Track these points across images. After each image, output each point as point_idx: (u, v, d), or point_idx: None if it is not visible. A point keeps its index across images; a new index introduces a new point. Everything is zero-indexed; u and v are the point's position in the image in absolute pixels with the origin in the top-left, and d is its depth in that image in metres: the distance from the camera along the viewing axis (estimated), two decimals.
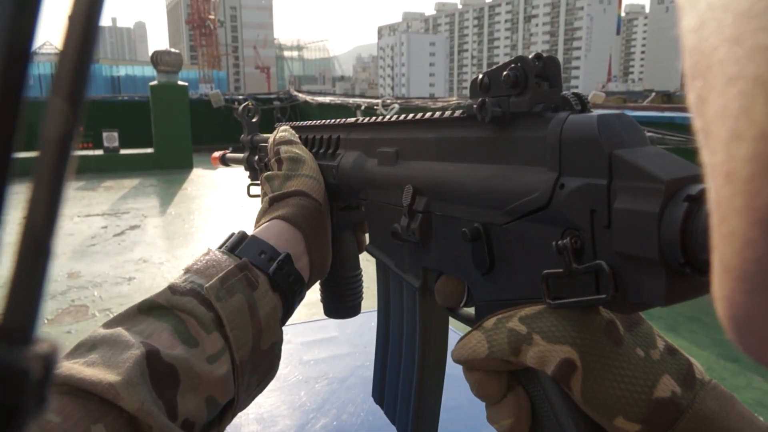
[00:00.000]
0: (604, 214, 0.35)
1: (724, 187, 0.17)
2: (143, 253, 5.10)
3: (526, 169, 0.41)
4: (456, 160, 0.48)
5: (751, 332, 0.18)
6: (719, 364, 3.03)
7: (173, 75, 10.51)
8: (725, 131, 0.17)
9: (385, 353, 0.64)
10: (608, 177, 0.34)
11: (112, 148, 10.14)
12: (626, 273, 0.34)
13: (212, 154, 1.11)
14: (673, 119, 4.97)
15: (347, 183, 0.65)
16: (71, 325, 3.59)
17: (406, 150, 0.55)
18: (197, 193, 8.29)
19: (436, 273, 0.54)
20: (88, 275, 4.50)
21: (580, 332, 0.39)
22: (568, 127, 0.38)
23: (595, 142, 0.35)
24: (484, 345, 0.43)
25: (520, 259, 0.43)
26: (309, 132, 0.76)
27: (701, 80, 0.19)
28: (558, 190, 0.37)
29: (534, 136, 0.40)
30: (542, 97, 0.40)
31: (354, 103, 10.87)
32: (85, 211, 6.90)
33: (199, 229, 6.05)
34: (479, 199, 0.45)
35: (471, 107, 0.44)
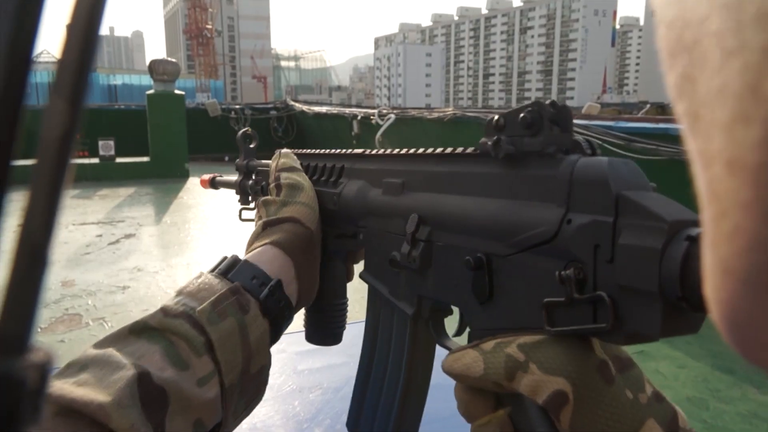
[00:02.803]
0: (608, 249, 0.37)
1: (726, 178, 0.15)
2: (138, 262, 5.08)
3: (533, 204, 0.43)
4: (463, 193, 0.50)
5: (755, 338, 0.17)
6: (714, 375, 3.03)
7: (170, 84, 10.52)
8: (726, 113, 0.15)
9: (366, 379, 0.65)
10: (614, 215, 0.37)
11: (108, 156, 10.13)
12: (624, 305, 0.37)
13: (201, 176, 1.10)
14: (667, 130, 4.99)
15: (347, 210, 0.66)
16: (64, 334, 3.57)
17: (413, 181, 0.57)
18: (193, 201, 8.28)
19: (431, 301, 0.56)
20: (82, 284, 4.49)
21: (575, 367, 0.40)
22: (579, 167, 0.40)
23: (604, 182, 0.38)
24: (480, 365, 0.44)
25: (520, 290, 0.45)
26: (312, 160, 0.77)
27: (686, 56, 0.17)
28: (565, 225, 0.40)
29: (544, 175, 0.43)
30: (554, 139, 0.43)
31: (350, 113, 10.89)
32: (80, 219, 6.88)
33: (195, 238, 6.04)
34: (484, 230, 0.47)
35: (485, 144, 0.46)
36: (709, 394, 2.87)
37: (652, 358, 3.15)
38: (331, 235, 0.73)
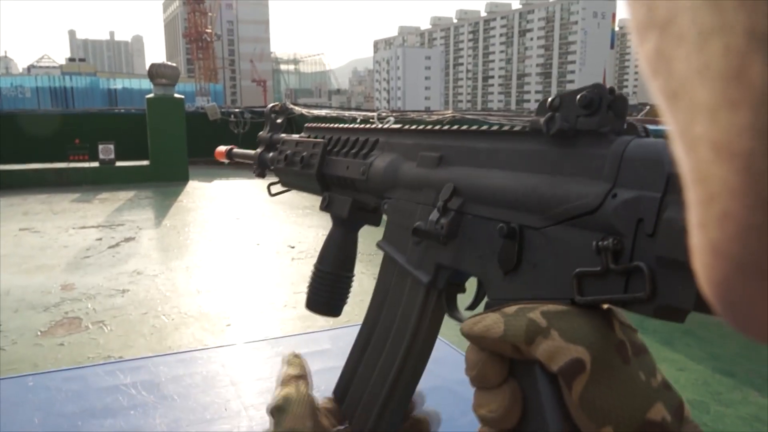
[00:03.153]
0: (651, 223, 0.38)
1: (715, 163, 0.15)
2: (138, 265, 5.08)
3: (577, 179, 0.44)
4: (504, 168, 0.51)
5: (749, 314, 0.17)
6: (714, 378, 3.02)
7: (170, 88, 10.53)
8: (708, 96, 0.14)
9: (365, 346, 0.65)
10: (663, 191, 0.38)
11: (108, 160, 10.14)
12: (661, 276, 0.38)
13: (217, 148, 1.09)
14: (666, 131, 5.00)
15: (376, 181, 0.67)
16: (64, 338, 3.57)
17: (451, 156, 0.58)
18: (192, 205, 8.28)
19: (449, 271, 0.57)
20: (81, 287, 4.48)
21: (595, 339, 0.41)
22: (632, 146, 0.41)
23: (657, 161, 0.39)
24: (501, 327, 0.44)
25: (548, 262, 0.46)
26: (344, 133, 0.77)
27: (658, 32, 0.16)
28: (609, 199, 0.41)
29: (593, 153, 0.44)
30: (609, 121, 0.44)
31: (350, 116, 10.90)
32: (80, 223, 6.88)
33: (194, 242, 6.04)
34: (521, 202, 0.48)
35: (536, 122, 0.47)
36: (710, 397, 2.86)
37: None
38: (354, 206, 0.73)
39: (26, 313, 3.96)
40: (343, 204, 0.75)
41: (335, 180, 0.75)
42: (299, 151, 0.81)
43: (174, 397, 1.28)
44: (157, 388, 1.32)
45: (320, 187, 0.78)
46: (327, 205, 0.77)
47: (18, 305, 4.11)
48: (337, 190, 0.76)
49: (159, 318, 3.90)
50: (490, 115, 8.34)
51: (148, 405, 1.26)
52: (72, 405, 1.27)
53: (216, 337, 3.61)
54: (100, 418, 1.22)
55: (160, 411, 1.23)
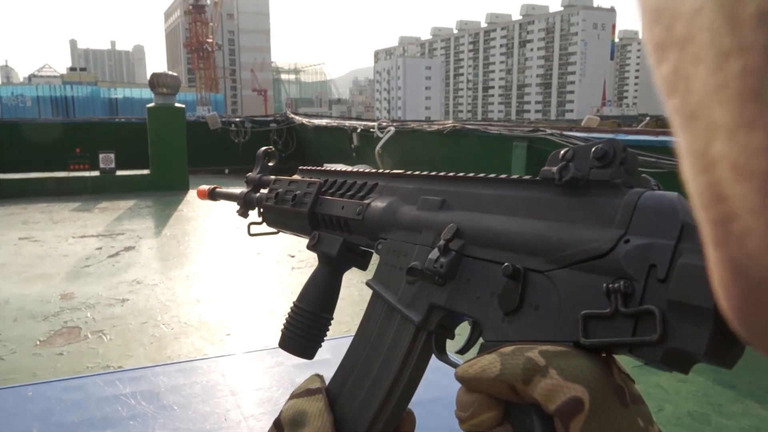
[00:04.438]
0: (664, 269, 0.39)
1: (734, 182, 0.15)
2: (137, 275, 5.07)
3: (586, 225, 0.45)
4: (510, 214, 0.52)
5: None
6: (715, 390, 3.01)
7: (171, 97, 10.56)
8: (727, 116, 0.14)
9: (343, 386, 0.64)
10: (677, 239, 0.39)
11: (109, 169, 10.15)
12: (672, 320, 0.38)
13: (198, 187, 1.09)
14: (667, 143, 5.01)
15: (372, 221, 0.67)
16: (63, 347, 3.56)
17: (455, 201, 0.59)
18: (193, 214, 8.28)
19: (442, 312, 0.56)
20: (81, 296, 4.47)
21: (595, 378, 0.40)
22: (646, 197, 0.43)
23: (673, 211, 0.40)
24: (497, 366, 0.44)
25: (551, 305, 0.46)
26: (342, 176, 0.77)
27: (677, 51, 0.16)
28: (621, 244, 0.42)
29: (605, 202, 0.45)
30: (621, 174, 0.45)
31: (350, 126, 10.92)
32: (80, 232, 6.88)
33: (194, 251, 6.03)
34: (525, 246, 0.49)
35: (548, 171, 0.48)
36: (711, 408, 2.85)
37: (653, 372, 3.11)
38: (344, 247, 0.73)
39: (25, 323, 3.95)
40: (333, 243, 0.74)
41: (327, 219, 0.75)
42: (292, 190, 0.82)
43: (174, 407, 1.28)
44: (157, 398, 1.31)
45: (310, 225, 0.77)
46: (315, 244, 0.77)
47: (17, 314, 4.10)
48: (327, 230, 0.76)
49: (158, 327, 3.89)
50: (490, 125, 8.35)
51: (148, 415, 1.25)
52: (71, 415, 1.27)
53: (216, 346, 3.60)
54: (99, 428, 1.22)
55: (159, 421, 1.23)
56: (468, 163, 7.91)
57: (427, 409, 0.65)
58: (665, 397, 2.92)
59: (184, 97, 23.99)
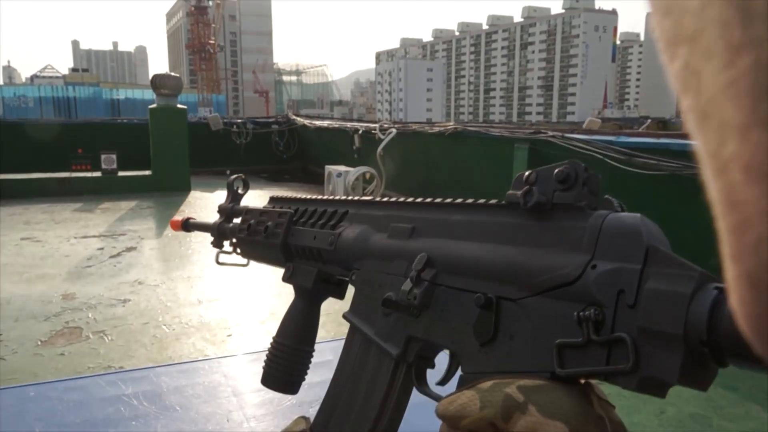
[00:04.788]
0: (632, 294, 0.38)
1: (745, 186, 0.14)
2: (139, 275, 5.07)
3: (555, 251, 0.44)
4: (480, 240, 0.51)
5: None
6: (717, 392, 3.01)
7: (173, 98, 10.56)
8: (738, 114, 0.13)
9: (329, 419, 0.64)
10: (643, 263, 0.39)
11: (111, 170, 10.15)
12: (643, 348, 0.38)
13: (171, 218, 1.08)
14: (668, 146, 5.00)
15: (345, 251, 0.66)
16: (64, 347, 3.56)
17: (425, 227, 0.58)
18: (194, 215, 8.22)
19: (420, 344, 0.55)
20: (82, 297, 4.48)
21: (574, 414, 0.40)
22: (610, 220, 0.42)
23: (636, 234, 0.40)
24: (476, 403, 0.43)
25: (526, 333, 0.45)
26: (311, 204, 0.76)
27: (687, 47, 0.15)
28: (589, 270, 0.41)
29: (570, 225, 0.44)
30: (585, 197, 0.45)
31: (352, 127, 10.92)
32: (81, 232, 6.89)
33: (196, 252, 6.04)
34: (498, 274, 0.48)
35: (513, 195, 0.48)
36: (713, 411, 2.84)
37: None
38: (318, 278, 0.72)
39: (27, 323, 3.95)
40: (308, 275, 0.73)
41: (300, 250, 0.73)
42: (263, 221, 0.80)
43: (176, 408, 1.28)
44: (159, 399, 1.32)
45: (283, 257, 0.76)
46: (290, 276, 0.76)
47: (19, 314, 4.10)
48: (301, 261, 0.74)
49: (160, 328, 3.89)
50: (491, 127, 8.35)
51: (150, 416, 1.25)
52: (73, 415, 1.27)
53: (217, 347, 3.60)
54: (101, 428, 1.22)
55: (161, 422, 1.23)
56: (469, 164, 7.91)
57: (418, 412, 0.65)
58: (667, 400, 2.91)
59: (186, 99, 23.98)
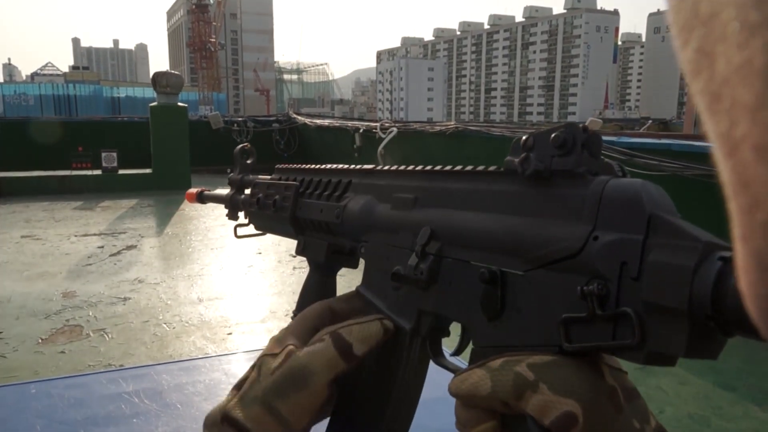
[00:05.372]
0: (635, 267, 0.37)
1: (756, 165, 0.14)
2: (139, 273, 5.08)
3: (557, 221, 0.43)
4: (481, 210, 0.50)
5: None
6: (716, 392, 3.01)
7: (173, 96, 10.56)
8: (750, 94, 0.14)
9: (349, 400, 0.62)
10: (645, 233, 0.37)
11: (111, 168, 10.16)
12: (649, 322, 0.37)
13: (188, 190, 1.08)
14: (670, 146, 5.00)
15: (351, 224, 0.65)
16: (65, 345, 3.56)
17: (426, 197, 0.57)
18: (194, 213, 8.29)
19: (431, 317, 0.55)
20: (83, 295, 4.48)
21: (586, 390, 0.40)
22: (610, 187, 0.41)
23: (638, 202, 0.38)
24: (488, 383, 0.43)
25: (532, 307, 0.44)
26: (316, 175, 0.75)
27: (702, 30, 0.15)
28: (591, 242, 0.40)
29: (571, 193, 0.43)
30: (585, 161, 0.43)
31: (353, 126, 10.93)
32: (82, 230, 6.89)
33: (196, 250, 6.04)
34: (501, 246, 0.47)
35: (511, 162, 0.46)
36: (711, 411, 2.85)
37: (654, 375, 3.13)
38: (330, 250, 0.71)
39: (27, 321, 3.96)
40: (319, 248, 0.72)
41: (309, 223, 0.73)
42: (271, 194, 0.79)
43: (177, 405, 1.28)
44: (160, 396, 1.32)
45: (294, 231, 0.75)
46: (303, 250, 0.75)
47: (19, 312, 4.10)
48: (312, 234, 0.73)
49: (160, 326, 3.90)
50: (492, 126, 8.36)
51: (151, 413, 1.26)
52: (74, 412, 1.27)
53: (217, 345, 3.60)
54: (102, 425, 1.22)
55: (162, 419, 1.23)
56: (470, 164, 7.90)
57: (429, 409, 0.65)
58: (666, 400, 2.92)
59: (186, 97, 24.02)
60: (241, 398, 0.54)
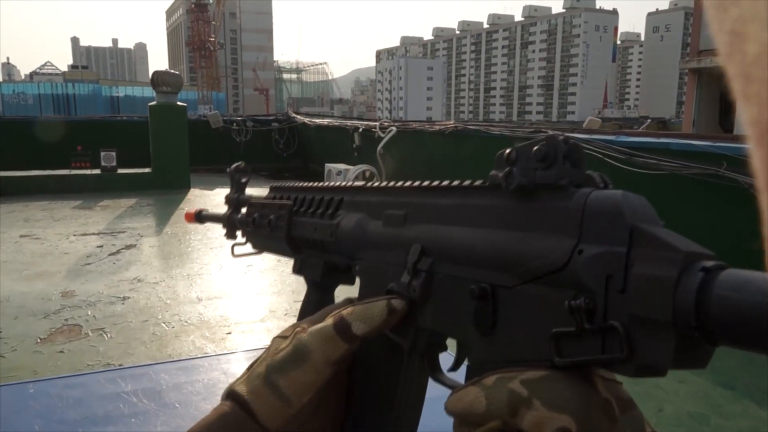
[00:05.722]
0: (620, 279, 0.37)
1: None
2: (138, 273, 5.08)
3: (542, 235, 0.43)
4: (469, 225, 0.50)
5: None
6: (715, 391, 3.02)
7: (172, 96, 10.56)
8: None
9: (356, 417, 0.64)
10: (628, 246, 0.37)
11: (110, 167, 10.15)
12: (636, 335, 0.37)
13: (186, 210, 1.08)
14: (668, 145, 5.00)
15: (345, 242, 0.65)
16: (64, 345, 3.56)
17: (416, 214, 0.57)
18: None
19: (427, 333, 0.55)
20: (82, 294, 4.48)
21: (580, 404, 0.40)
22: (592, 199, 0.41)
23: (618, 214, 0.38)
24: (482, 401, 0.43)
25: (524, 321, 0.44)
26: (308, 193, 0.75)
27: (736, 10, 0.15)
28: (576, 255, 0.40)
29: (555, 207, 0.43)
30: (567, 173, 0.43)
31: (352, 126, 10.93)
32: (81, 230, 6.89)
33: (195, 249, 6.04)
34: (490, 261, 0.47)
35: (495, 176, 0.47)
36: (710, 409, 2.85)
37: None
38: (326, 268, 0.72)
39: (26, 320, 3.96)
40: (316, 267, 0.73)
41: (305, 242, 0.73)
42: (266, 214, 0.80)
43: (175, 405, 1.28)
44: (159, 396, 1.32)
45: (291, 250, 0.76)
46: (300, 269, 0.76)
47: (18, 312, 4.10)
48: (308, 252, 0.74)
49: (159, 326, 3.90)
50: (491, 126, 8.36)
51: (150, 413, 1.26)
52: (73, 412, 1.27)
53: (216, 344, 3.60)
54: (101, 425, 1.22)
55: (161, 419, 1.23)
56: (469, 163, 7.91)
57: (430, 408, 0.65)
58: (665, 398, 2.92)
59: (185, 96, 24.01)
60: (248, 375, 0.56)
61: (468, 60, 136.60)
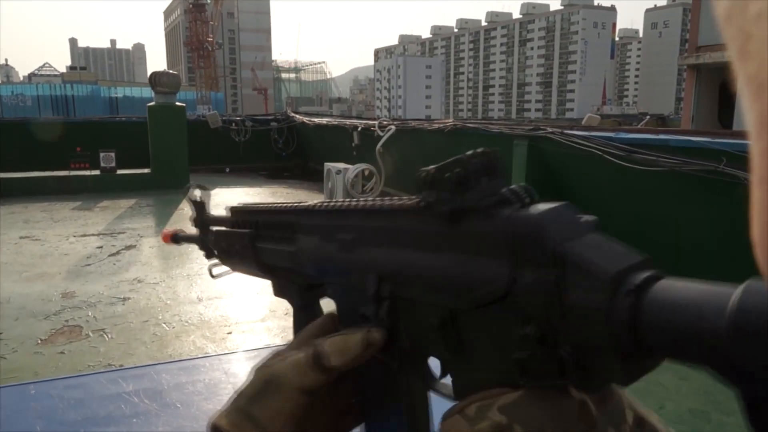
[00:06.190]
0: (557, 307, 0.36)
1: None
2: (138, 273, 5.08)
3: (483, 260, 0.42)
4: (417, 248, 0.49)
5: None
6: (716, 387, 3.01)
7: (171, 96, 10.55)
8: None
9: None
10: (555, 272, 0.36)
11: (109, 168, 10.15)
12: (586, 358, 0.37)
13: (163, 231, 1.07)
14: (667, 142, 5.00)
15: (308, 268, 0.64)
16: (64, 346, 3.56)
17: (364, 237, 0.55)
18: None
19: (410, 351, 0.54)
20: (82, 295, 4.48)
21: (557, 420, 0.40)
22: (516, 220, 0.39)
23: (539, 237, 0.37)
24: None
25: (487, 344, 0.44)
26: (268, 215, 0.74)
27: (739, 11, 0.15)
28: (513, 283, 0.39)
29: (485, 231, 0.41)
30: (487, 191, 0.42)
31: (351, 125, 10.92)
32: (80, 231, 6.88)
33: (195, 249, 6.01)
34: (442, 287, 0.46)
35: (429, 197, 0.45)
36: (711, 406, 2.85)
37: (654, 370, 3.14)
38: (302, 290, 0.71)
39: (27, 321, 3.96)
40: (292, 290, 0.72)
41: (276, 267, 0.72)
42: (231, 244, 0.80)
43: (176, 405, 1.28)
44: (160, 396, 1.32)
45: (264, 274, 0.76)
46: (279, 291, 0.75)
47: (18, 313, 4.10)
48: (282, 275, 0.73)
49: (160, 326, 3.90)
50: (490, 124, 8.35)
51: (151, 413, 1.26)
52: (74, 413, 1.27)
53: (217, 345, 3.60)
54: (102, 425, 1.22)
55: (162, 419, 1.23)
56: None
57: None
58: (666, 395, 2.92)
59: (184, 96, 23.99)
60: (228, 408, 0.56)
61: (466, 58, 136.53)
